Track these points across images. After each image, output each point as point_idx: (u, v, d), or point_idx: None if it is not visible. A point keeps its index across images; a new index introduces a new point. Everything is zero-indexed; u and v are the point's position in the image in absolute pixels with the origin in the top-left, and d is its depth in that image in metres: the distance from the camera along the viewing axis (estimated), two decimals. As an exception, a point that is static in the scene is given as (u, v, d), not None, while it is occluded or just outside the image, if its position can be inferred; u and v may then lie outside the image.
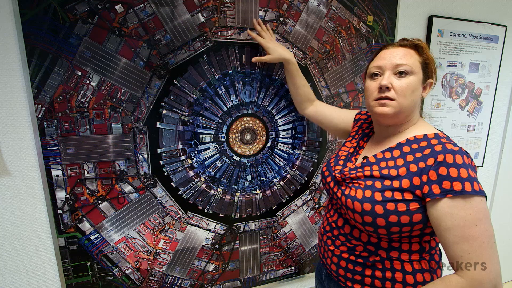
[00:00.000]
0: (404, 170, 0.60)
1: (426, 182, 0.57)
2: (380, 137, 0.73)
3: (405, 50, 0.65)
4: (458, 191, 0.54)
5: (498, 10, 1.36)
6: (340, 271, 0.71)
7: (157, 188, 0.96)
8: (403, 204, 0.58)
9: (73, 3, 0.78)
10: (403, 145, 0.65)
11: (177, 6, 0.87)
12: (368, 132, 0.80)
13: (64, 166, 0.85)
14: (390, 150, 0.66)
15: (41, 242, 0.88)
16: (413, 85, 0.63)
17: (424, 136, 0.64)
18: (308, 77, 1.06)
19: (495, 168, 1.63)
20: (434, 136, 0.62)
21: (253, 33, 0.92)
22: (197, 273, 1.07)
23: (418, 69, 0.64)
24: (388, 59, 0.64)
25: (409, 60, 0.63)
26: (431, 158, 0.58)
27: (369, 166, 0.67)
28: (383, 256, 0.65)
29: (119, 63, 0.85)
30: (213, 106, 0.97)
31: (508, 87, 1.51)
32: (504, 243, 1.79)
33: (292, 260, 1.20)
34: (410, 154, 0.62)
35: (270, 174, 1.09)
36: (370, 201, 0.61)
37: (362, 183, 0.65)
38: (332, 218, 0.75)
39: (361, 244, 0.67)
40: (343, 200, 0.68)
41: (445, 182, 0.55)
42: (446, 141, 0.60)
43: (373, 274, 0.66)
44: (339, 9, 1.06)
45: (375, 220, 0.60)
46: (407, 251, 0.64)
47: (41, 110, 0.80)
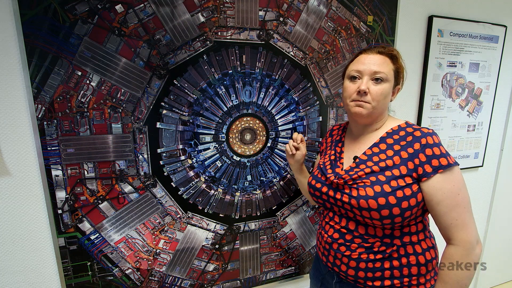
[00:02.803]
0: (398, 158, 0.68)
1: (419, 165, 0.66)
2: (359, 136, 0.79)
3: (382, 58, 0.72)
4: (445, 165, 0.64)
5: (498, 10, 1.36)
6: (360, 274, 0.71)
7: (157, 188, 0.96)
8: (408, 188, 0.65)
9: (73, 3, 0.78)
10: (385, 138, 0.73)
11: (177, 6, 0.87)
12: (339, 139, 0.85)
13: (64, 166, 0.85)
14: (376, 145, 0.73)
15: (41, 242, 0.88)
16: (386, 91, 0.71)
17: (398, 126, 0.73)
18: (308, 77, 1.06)
19: (495, 168, 1.63)
20: (406, 125, 0.72)
21: (292, 145, 0.96)
22: (197, 273, 1.07)
23: (391, 77, 0.72)
24: (367, 65, 0.71)
25: (385, 68, 0.71)
26: (416, 143, 0.67)
27: (363, 163, 0.72)
28: (398, 244, 0.69)
29: (119, 63, 0.85)
30: (213, 106, 0.97)
31: (508, 87, 1.51)
32: (504, 243, 1.78)
33: (292, 260, 1.20)
34: (396, 144, 0.70)
35: (270, 174, 1.09)
36: (383, 194, 0.65)
37: (367, 181, 0.68)
38: (340, 224, 0.75)
39: (378, 240, 0.70)
40: (353, 203, 0.68)
41: (434, 160, 0.65)
42: (417, 126, 0.71)
43: (392, 265, 0.69)
44: (339, 9, 1.06)
45: (392, 210, 0.65)
46: (415, 232, 0.70)
47: (41, 110, 0.80)
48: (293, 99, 1.06)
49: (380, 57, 0.72)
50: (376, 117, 0.75)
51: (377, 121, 0.76)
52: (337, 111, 1.14)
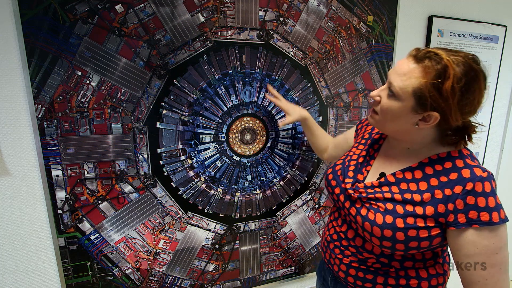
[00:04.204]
0: (429, 195, 0.56)
1: (452, 211, 0.54)
2: (392, 148, 0.68)
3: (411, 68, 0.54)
4: (485, 222, 0.52)
5: (498, 10, 1.36)
6: (349, 279, 0.68)
7: (157, 188, 0.96)
8: (425, 230, 0.56)
9: (73, 3, 0.78)
10: (425, 165, 0.60)
11: (177, 6, 0.87)
12: (378, 139, 0.73)
13: (64, 166, 0.85)
14: (411, 170, 0.61)
15: (41, 242, 0.88)
16: (393, 111, 0.57)
17: (448, 154, 0.59)
18: (308, 77, 1.06)
19: (495, 168, 1.63)
20: (459, 155, 0.58)
21: (271, 97, 0.97)
22: (197, 273, 1.07)
23: (406, 96, 0.54)
24: (392, 71, 0.58)
25: (402, 82, 0.55)
26: (458, 186, 0.54)
27: (388, 186, 0.62)
28: (397, 267, 0.63)
29: (119, 63, 0.85)
30: (213, 106, 0.97)
31: (508, 87, 1.51)
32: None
33: (292, 260, 1.20)
34: (434, 178, 0.57)
35: (270, 174, 1.09)
36: (392, 227, 0.57)
37: (382, 206, 0.60)
38: (341, 228, 0.71)
39: (374, 257, 0.64)
40: (359, 221, 0.63)
41: (472, 212, 0.53)
42: (472, 162, 0.56)
43: (386, 282, 0.63)
44: (339, 9, 1.06)
45: (395, 245, 0.58)
46: (421, 260, 0.62)
47: (41, 110, 0.80)
48: (293, 99, 1.06)
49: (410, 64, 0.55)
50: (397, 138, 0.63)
51: (404, 142, 0.64)
52: (337, 111, 1.14)
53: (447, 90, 0.51)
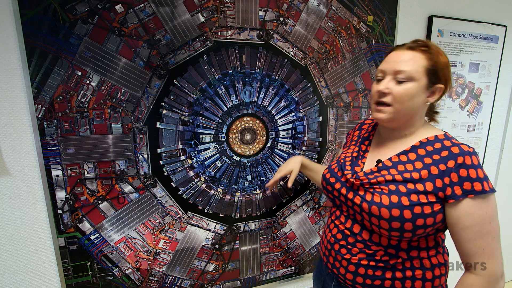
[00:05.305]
0: (426, 172, 0.61)
1: (449, 184, 0.59)
2: (387, 139, 0.73)
3: (411, 54, 0.64)
4: (478, 191, 0.58)
5: (498, 10, 1.36)
6: (358, 279, 0.68)
7: (157, 188, 0.96)
8: (429, 206, 0.60)
9: (73, 3, 0.78)
10: (417, 147, 0.66)
11: (177, 6, 0.87)
12: (367, 137, 0.80)
13: (64, 166, 0.85)
14: (405, 153, 0.66)
15: (41, 242, 0.88)
16: (411, 92, 0.63)
17: (435, 137, 0.65)
18: (308, 77, 1.06)
19: (495, 168, 1.63)
20: (445, 137, 0.65)
21: (274, 183, 0.98)
22: (197, 273, 1.07)
23: (420, 75, 0.63)
24: (391, 64, 0.65)
25: (411, 66, 0.63)
26: (451, 160, 0.60)
27: (386, 170, 0.66)
28: (404, 257, 0.65)
29: (119, 63, 0.85)
30: (213, 106, 0.97)
31: (508, 87, 1.51)
32: (504, 243, 1.78)
33: (292, 260, 1.20)
34: (427, 157, 0.63)
35: (270, 174, 1.09)
36: (398, 206, 0.60)
37: (385, 188, 0.63)
38: (345, 225, 0.71)
39: (382, 249, 0.66)
40: (365, 207, 0.64)
41: (466, 183, 0.58)
42: (456, 142, 0.63)
43: (394, 276, 0.65)
44: (339, 9, 1.06)
45: (403, 225, 0.60)
46: (425, 248, 0.66)
47: (41, 110, 0.80)
48: (293, 99, 1.06)
49: (409, 53, 0.64)
50: (404, 122, 0.67)
51: (406, 127, 0.69)
52: (337, 111, 1.14)
53: (446, 63, 0.65)
